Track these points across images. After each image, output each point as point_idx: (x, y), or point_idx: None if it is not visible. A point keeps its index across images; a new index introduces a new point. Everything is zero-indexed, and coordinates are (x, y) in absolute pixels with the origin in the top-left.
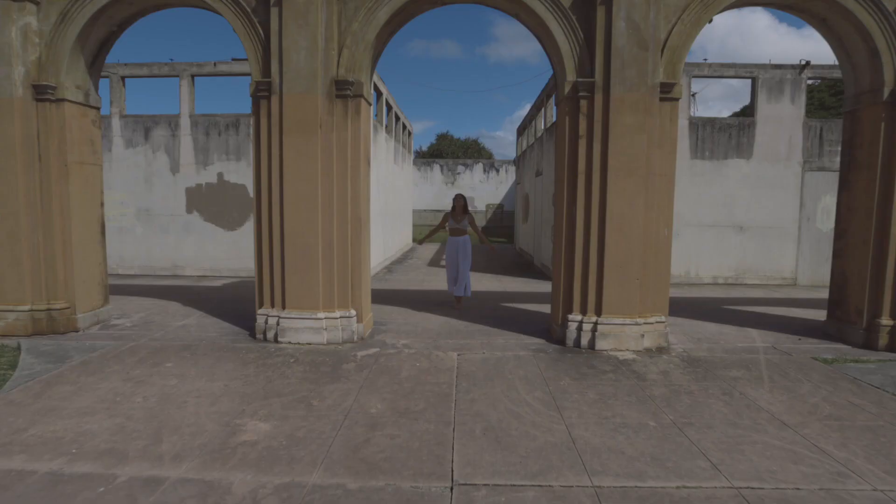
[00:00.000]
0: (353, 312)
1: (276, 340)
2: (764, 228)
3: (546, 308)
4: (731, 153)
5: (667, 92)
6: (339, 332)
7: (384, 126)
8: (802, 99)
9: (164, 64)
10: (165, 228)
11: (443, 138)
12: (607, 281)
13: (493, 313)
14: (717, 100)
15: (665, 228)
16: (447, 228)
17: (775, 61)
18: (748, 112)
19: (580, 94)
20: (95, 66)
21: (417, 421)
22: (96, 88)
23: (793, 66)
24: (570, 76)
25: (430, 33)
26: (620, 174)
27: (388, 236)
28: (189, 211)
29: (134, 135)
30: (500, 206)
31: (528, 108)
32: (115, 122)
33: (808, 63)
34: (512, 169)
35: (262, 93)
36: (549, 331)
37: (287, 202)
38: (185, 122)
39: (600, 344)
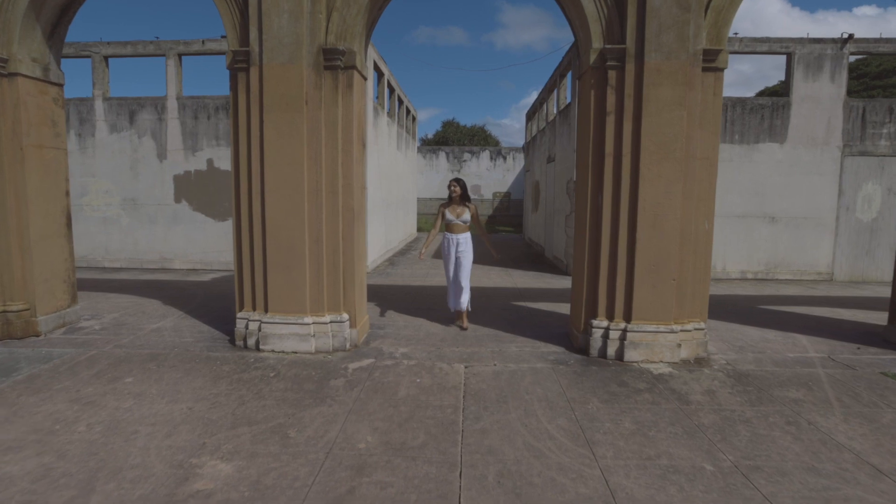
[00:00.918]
0: (346, 316)
1: (257, 348)
2: (798, 219)
3: (563, 308)
4: (763, 136)
5: (710, 60)
6: (330, 339)
7: (386, 110)
8: (844, 77)
9: (150, 42)
10: (153, 219)
11: (448, 125)
12: (638, 282)
13: (504, 314)
14: (728, 86)
15: (705, 221)
16: (444, 224)
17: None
18: (782, 91)
19: (608, 63)
20: (56, 36)
21: (416, 461)
22: (58, 62)
23: (833, 40)
24: (597, 43)
25: (436, 20)
26: (655, 157)
27: (390, 226)
28: (177, 200)
29: (118, 118)
30: (508, 194)
31: (534, 95)
32: (99, 105)
33: (850, 36)
34: (519, 156)
35: (240, 64)
36: (569, 336)
37: (269, 190)
38: (172, 105)
39: (630, 354)
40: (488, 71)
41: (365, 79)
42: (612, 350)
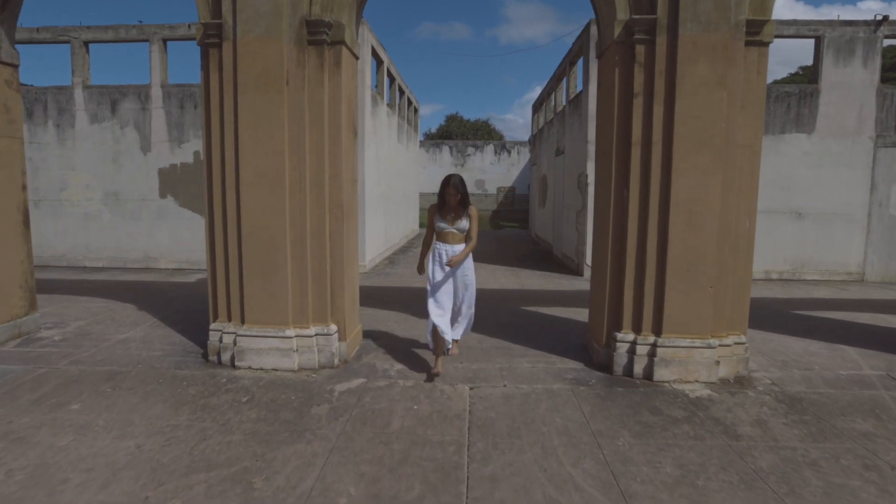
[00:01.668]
0: (334, 328)
1: (232, 365)
2: (827, 215)
3: (577, 313)
4: (790, 126)
5: (754, 33)
6: (315, 355)
7: (386, 100)
8: (877, 62)
9: (132, 26)
10: (136, 215)
11: (452, 119)
12: (670, 288)
13: (513, 320)
14: None
15: (747, 219)
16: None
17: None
18: (811, 78)
19: (636, 37)
20: (7, 9)
21: None
22: (11, 41)
23: (866, 23)
24: (622, 14)
25: (440, 16)
26: (691, 145)
27: (390, 223)
28: (163, 195)
29: (100, 108)
30: (512, 189)
31: (537, 90)
32: (79, 94)
33: (885, 18)
34: (524, 151)
35: (212, 38)
36: (588, 350)
37: (244, 183)
38: (156, 94)
39: (660, 373)
40: (494, 57)
41: (356, 57)
42: (639, 368)
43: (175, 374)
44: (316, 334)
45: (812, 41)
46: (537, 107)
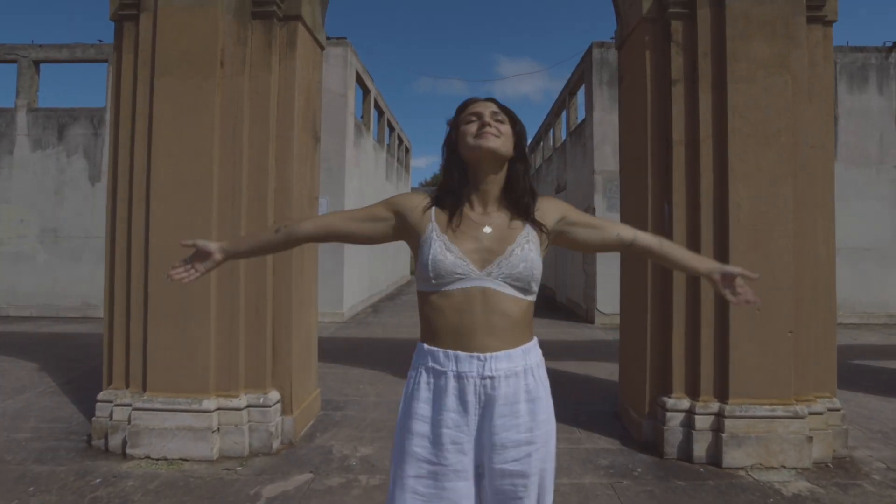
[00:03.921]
0: (275, 396)
1: (123, 452)
2: (858, 250)
3: (597, 369)
4: None
5: (817, 8)
6: (244, 436)
7: (373, 133)
8: (892, 88)
9: (90, 46)
10: (77, 254)
11: None
12: (736, 336)
13: None
14: None
15: (823, 243)
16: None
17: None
18: None
19: (670, 11)
20: None
21: None
22: None
23: (877, 49)
24: None
25: (437, 71)
26: (750, 143)
27: (376, 267)
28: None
29: (45, 133)
30: None
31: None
32: (21, 118)
33: (895, 44)
34: None
35: (128, 10)
36: (623, 421)
37: (156, 194)
38: (112, 118)
39: (733, 456)
40: (489, 82)
41: (321, 47)
42: (700, 448)
43: (26, 471)
44: (248, 406)
45: None
46: (532, 147)
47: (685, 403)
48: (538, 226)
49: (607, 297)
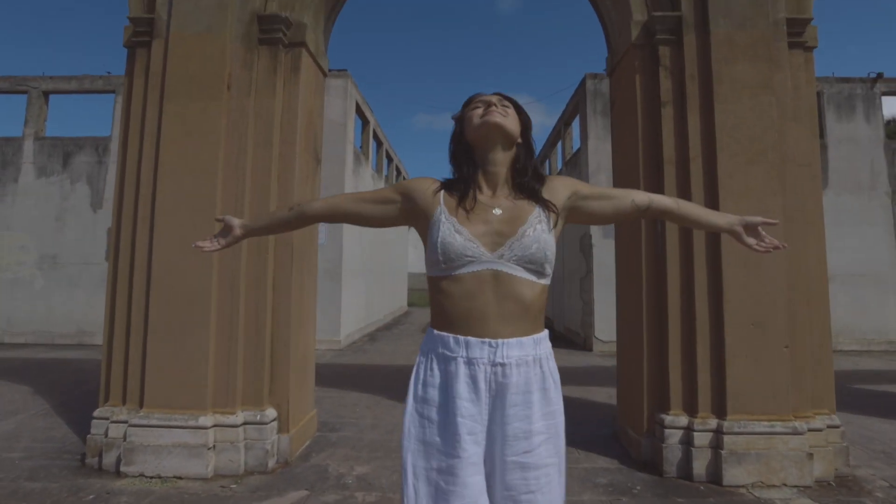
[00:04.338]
0: (271, 414)
1: (117, 471)
2: (855, 276)
3: (596, 393)
4: None
5: (797, 34)
6: (240, 454)
7: (372, 164)
8: (879, 117)
9: (98, 77)
10: (74, 281)
11: None
12: (732, 351)
13: None
14: None
15: (814, 258)
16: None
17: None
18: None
19: (658, 37)
20: None
21: None
22: None
23: (862, 80)
24: (639, 14)
25: (434, 108)
26: (739, 161)
27: (373, 296)
28: (108, 258)
29: (50, 161)
30: None
31: None
32: (28, 146)
33: (879, 75)
34: None
35: (141, 37)
36: (621, 440)
37: (161, 210)
38: (116, 147)
39: (733, 473)
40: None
41: (324, 73)
42: (700, 465)
43: (19, 488)
44: (244, 423)
45: None
46: None
47: (683, 420)
48: (548, 205)
49: (605, 324)
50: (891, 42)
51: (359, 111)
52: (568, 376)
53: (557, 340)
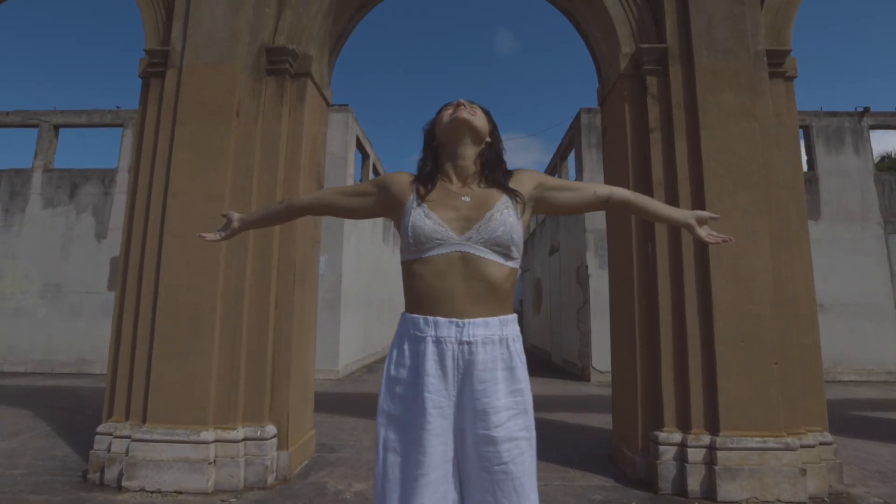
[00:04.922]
0: (272, 430)
1: (119, 486)
2: (851, 307)
3: (594, 419)
4: None
5: (777, 65)
6: (240, 469)
7: None
8: (868, 149)
9: (107, 111)
10: (77, 310)
11: None
12: (723, 367)
13: None
14: None
15: (801, 277)
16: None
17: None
18: (808, 166)
19: (645, 67)
20: None
21: None
22: None
23: (849, 114)
24: (627, 46)
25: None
26: (725, 184)
27: (371, 326)
28: (111, 287)
29: (57, 192)
30: None
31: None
32: (36, 178)
33: (866, 109)
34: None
35: (156, 68)
36: (617, 460)
37: (169, 231)
38: (122, 178)
39: (727, 489)
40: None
41: (328, 104)
42: (694, 481)
43: (21, 501)
44: (245, 439)
45: (800, 130)
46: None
47: (677, 437)
48: (515, 194)
49: (602, 354)
50: (877, 78)
51: (359, 145)
52: (565, 404)
53: (555, 372)
